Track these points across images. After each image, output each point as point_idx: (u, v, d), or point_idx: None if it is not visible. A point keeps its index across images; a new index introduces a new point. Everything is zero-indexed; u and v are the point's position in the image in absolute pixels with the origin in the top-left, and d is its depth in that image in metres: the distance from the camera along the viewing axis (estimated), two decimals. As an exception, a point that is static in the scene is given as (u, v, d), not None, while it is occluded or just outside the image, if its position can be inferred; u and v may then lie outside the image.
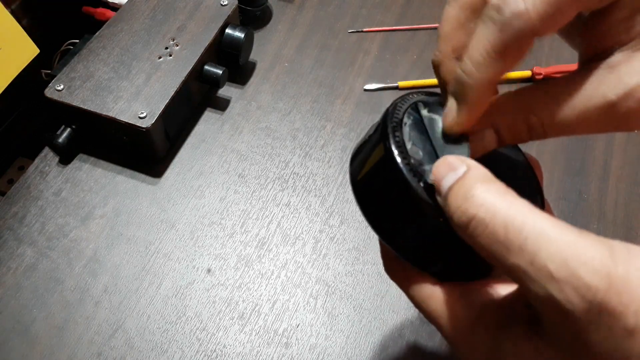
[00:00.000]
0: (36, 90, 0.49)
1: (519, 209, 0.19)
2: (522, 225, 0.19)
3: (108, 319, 0.41)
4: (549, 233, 0.19)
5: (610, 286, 0.18)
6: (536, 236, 0.19)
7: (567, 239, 0.19)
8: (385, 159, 0.24)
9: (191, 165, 0.49)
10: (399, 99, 0.26)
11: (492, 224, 0.19)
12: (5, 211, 0.46)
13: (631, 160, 0.50)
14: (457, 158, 0.22)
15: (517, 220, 0.19)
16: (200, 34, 0.50)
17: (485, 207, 0.20)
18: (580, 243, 0.18)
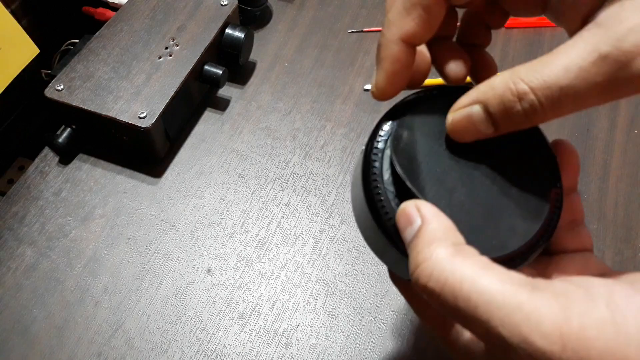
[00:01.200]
0: (36, 90, 0.49)
1: (467, 274, 0.19)
2: (469, 292, 0.19)
3: (108, 319, 0.41)
4: (497, 297, 0.18)
5: (564, 346, 0.17)
6: (485, 302, 0.18)
7: (517, 300, 0.18)
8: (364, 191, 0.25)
9: (191, 165, 0.49)
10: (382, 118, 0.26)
11: (443, 294, 0.19)
12: (5, 211, 0.46)
13: (631, 160, 0.50)
14: (414, 207, 0.22)
15: (464, 289, 0.19)
16: (200, 34, 0.50)
17: (434, 277, 0.20)
18: (532, 303, 0.18)
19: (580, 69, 0.19)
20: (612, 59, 0.19)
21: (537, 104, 0.20)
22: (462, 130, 0.23)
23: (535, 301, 0.18)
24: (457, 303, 0.19)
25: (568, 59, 0.20)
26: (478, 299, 0.18)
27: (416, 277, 0.20)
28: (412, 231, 0.21)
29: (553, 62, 0.20)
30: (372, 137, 0.25)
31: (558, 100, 0.20)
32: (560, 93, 0.20)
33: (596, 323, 0.18)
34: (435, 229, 0.21)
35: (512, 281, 0.19)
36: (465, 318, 0.19)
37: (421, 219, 0.21)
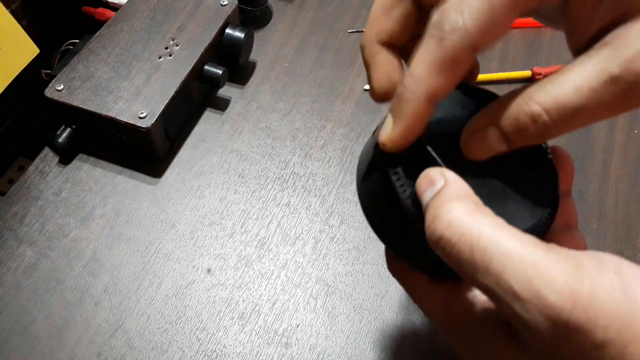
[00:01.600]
0: (36, 90, 0.50)
1: (485, 229, 0.20)
2: (486, 245, 0.19)
3: (108, 319, 0.41)
4: (513, 252, 0.19)
5: (575, 304, 0.18)
6: (500, 256, 0.19)
7: (532, 257, 0.19)
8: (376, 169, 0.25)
9: (191, 165, 0.49)
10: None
11: (458, 244, 0.20)
12: (5, 211, 0.46)
13: (631, 160, 0.50)
14: (439, 171, 0.22)
15: (482, 241, 0.19)
16: (200, 34, 0.50)
17: (452, 228, 0.20)
18: (546, 261, 0.19)
19: (590, 90, 0.20)
20: (623, 81, 0.19)
21: (550, 123, 0.21)
22: (477, 150, 0.23)
23: (549, 260, 0.19)
24: (472, 255, 0.19)
25: (579, 79, 0.20)
26: (494, 252, 0.19)
27: (434, 227, 0.21)
28: (432, 192, 0.22)
29: (564, 83, 0.20)
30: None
31: (571, 118, 0.21)
32: (572, 112, 0.20)
33: (606, 288, 0.18)
34: (457, 190, 0.21)
35: (528, 241, 0.19)
36: (479, 271, 0.19)
37: (444, 181, 0.22)
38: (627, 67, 0.19)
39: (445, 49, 0.21)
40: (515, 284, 0.18)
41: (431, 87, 0.22)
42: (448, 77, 0.22)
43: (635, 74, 0.19)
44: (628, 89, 0.20)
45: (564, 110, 0.20)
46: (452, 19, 0.20)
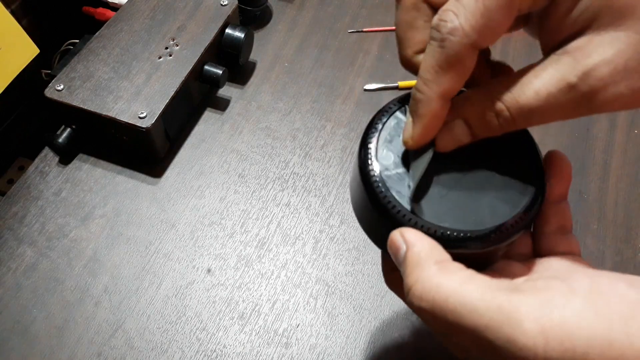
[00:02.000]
0: (36, 90, 0.49)
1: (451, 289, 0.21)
2: (454, 306, 0.20)
3: (108, 319, 0.41)
4: (479, 306, 0.20)
5: (547, 340, 0.18)
6: (469, 312, 0.20)
7: (497, 304, 0.19)
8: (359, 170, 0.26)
9: (191, 165, 0.49)
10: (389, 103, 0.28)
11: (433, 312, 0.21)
12: (5, 211, 0.46)
13: (631, 160, 0.50)
14: (398, 234, 0.24)
15: (450, 303, 0.20)
16: (200, 34, 0.50)
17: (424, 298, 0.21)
18: (512, 304, 0.19)
19: (548, 95, 0.22)
20: (579, 90, 0.21)
21: (510, 119, 0.23)
22: (444, 142, 0.25)
23: (514, 302, 0.19)
24: (446, 317, 0.20)
25: (539, 83, 0.22)
26: (462, 309, 0.20)
27: (410, 300, 0.22)
28: (401, 257, 0.23)
29: (526, 85, 0.22)
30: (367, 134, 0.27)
31: (529, 117, 0.23)
32: (530, 112, 0.22)
33: (576, 312, 0.18)
34: (418, 251, 0.23)
35: (492, 288, 0.20)
36: (456, 330, 0.20)
37: (405, 245, 0.23)
38: (584, 78, 0.21)
39: (447, 50, 0.22)
40: (489, 335, 0.19)
41: (441, 87, 0.23)
42: (454, 76, 0.23)
43: (589, 85, 0.21)
44: (582, 97, 0.21)
45: (522, 110, 0.22)
46: (449, 20, 0.22)
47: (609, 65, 0.21)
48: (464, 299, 0.20)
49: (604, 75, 0.21)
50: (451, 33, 0.22)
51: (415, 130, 0.24)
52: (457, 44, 0.22)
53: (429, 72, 0.23)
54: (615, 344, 0.18)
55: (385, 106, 0.27)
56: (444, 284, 0.21)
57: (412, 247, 0.23)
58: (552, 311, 0.19)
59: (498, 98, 0.23)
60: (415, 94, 0.24)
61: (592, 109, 0.22)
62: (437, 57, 0.22)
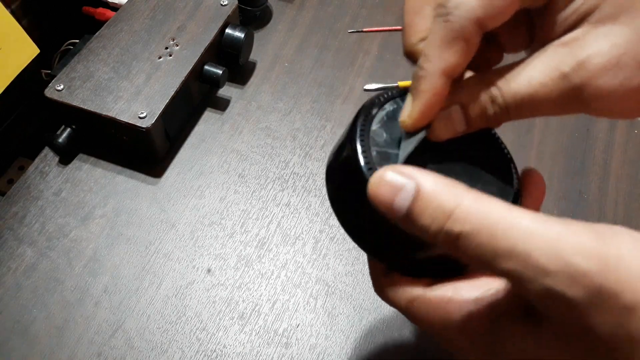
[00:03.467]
0: (36, 90, 0.49)
1: (499, 213, 0.19)
2: (507, 230, 0.19)
3: (108, 319, 0.41)
4: (535, 231, 0.19)
5: (604, 268, 0.18)
6: (524, 237, 0.19)
7: (555, 231, 0.19)
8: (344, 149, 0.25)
9: (191, 165, 0.49)
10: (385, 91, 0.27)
11: (479, 236, 0.19)
12: (5, 211, 0.46)
13: (631, 160, 0.50)
14: (398, 173, 0.21)
15: (501, 226, 0.19)
16: (200, 34, 0.50)
17: (469, 222, 0.20)
18: (568, 232, 0.19)
19: (540, 84, 0.22)
20: (570, 80, 0.21)
21: (504, 107, 0.23)
22: (441, 129, 0.25)
23: (571, 231, 0.19)
24: (496, 243, 0.19)
25: (533, 72, 0.22)
26: (517, 234, 0.19)
27: (449, 227, 0.20)
28: (406, 195, 0.21)
29: (520, 74, 0.22)
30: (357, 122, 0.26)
31: (520, 106, 0.23)
32: (521, 101, 0.22)
33: (630, 251, 0.19)
34: (438, 181, 0.21)
35: (544, 217, 0.19)
36: (501, 256, 0.19)
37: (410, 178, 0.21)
38: (577, 69, 0.21)
39: (451, 25, 0.22)
40: (544, 260, 0.18)
41: (443, 63, 0.23)
42: (457, 52, 0.23)
43: (581, 76, 0.21)
44: (573, 88, 0.21)
45: (515, 98, 0.22)
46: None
47: (602, 57, 0.21)
48: (517, 223, 0.19)
49: (596, 67, 0.21)
50: (457, 7, 0.22)
51: (415, 108, 0.24)
52: (463, 18, 0.22)
53: (433, 47, 0.23)
54: None
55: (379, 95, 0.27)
56: (492, 208, 0.20)
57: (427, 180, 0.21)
58: (609, 245, 0.19)
59: (493, 83, 0.23)
60: (417, 72, 0.24)
61: (583, 103, 0.22)
62: (442, 33, 0.22)
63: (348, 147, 0.25)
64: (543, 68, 0.22)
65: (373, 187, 0.22)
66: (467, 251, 0.20)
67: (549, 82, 0.22)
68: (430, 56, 0.23)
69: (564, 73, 0.21)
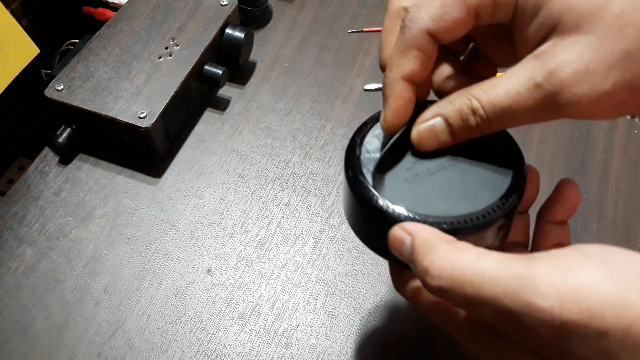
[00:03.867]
0: (36, 90, 0.49)
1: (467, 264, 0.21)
2: (472, 278, 0.21)
3: (108, 319, 0.41)
4: (497, 275, 0.20)
5: (563, 302, 0.19)
6: (488, 283, 0.20)
7: (514, 272, 0.20)
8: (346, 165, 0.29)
9: (191, 165, 0.49)
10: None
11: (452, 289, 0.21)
12: (5, 211, 0.46)
13: (631, 160, 0.50)
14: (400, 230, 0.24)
15: (468, 276, 0.21)
16: (200, 34, 0.50)
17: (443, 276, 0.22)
18: (527, 271, 0.20)
19: (517, 94, 0.23)
20: (544, 89, 0.23)
21: (485, 118, 0.25)
22: (426, 140, 0.27)
23: (529, 269, 0.20)
24: (465, 291, 0.21)
25: (510, 84, 0.24)
26: (481, 281, 0.20)
27: (428, 282, 0.22)
28: (407, 249, 0.24)
29: (498, 86, 0.24)
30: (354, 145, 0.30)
31: (501, 116, 0.24)
32: (501, 111, 0.24)
33: (591, 275, 0.19)
34: (425, 237, 0.23)
35: (507, 259, 0.21)
36: (475, 303, 0.21)
37: (409, 235, 0.24)
38: (548, 78, 0.23)
39: (406, 35, 0.25)
40: (507, 302, 0.20)
41: (401, 70, 0.26)
42: (412, 60, 0.26)
43: (553, 84, 0.22)
44: (547, 96, 0.23)
45: (494, 109, 0.24)
46: (413, 11, 0.25)
47: (570, 65, 0.22)
48: (481, 270, 0.21)
49: (567, 76, 0.22)
50: (411, 20, 0.25)
51: (386, 113, 0.27)
52: (415, 29, 0.25)
53: (393, 57, 0.26)
54: (631, 306, 0.18)
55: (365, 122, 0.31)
56: (459, 260, 0.22)
57: (418, 235, 0.24)
58: (567, 275, 0.19)
59: (474, 96, 0.25)
60: (383, 80, 0.27)
61: (559, 109, 0.23)
62: (399, 43, 0.26)
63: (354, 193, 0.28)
64: (518, 79, 0.23)
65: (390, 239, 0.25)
66: (449, 301, 0.22)
67: (525, 92, 0.23)
68: (391, 65, 0.26)
69: (538, 83, 0.23)
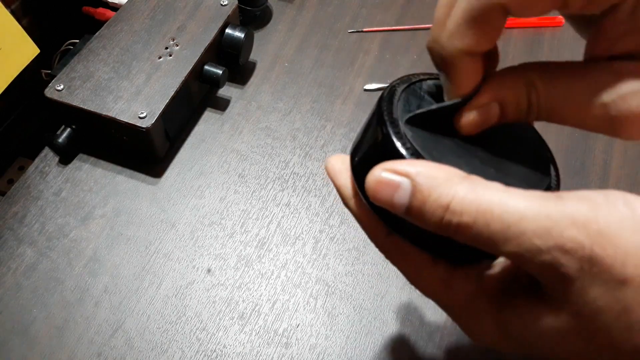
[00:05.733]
0: (36, 90, 0.49)
1: (493, 199, 0.20)
2: (501, 215, 0.20)
3: (108, 319, 0.41)
4: (526, 213, 0.19)
5: (593, 241, 0.19)
6: (516, 220, 0.19)
7: (545, 211, 0.19)
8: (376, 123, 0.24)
9: (191, 165, 0.49)
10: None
11: (476, 225, 0.20)
12: (5, 211, 0.46)
13: (631, 160, 0.50)
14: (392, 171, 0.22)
15: (495, 212, 0.20)
16: (200, 34, 0.50)
17: (466, 211, 0.20)
18: (558, 210, 0.19)
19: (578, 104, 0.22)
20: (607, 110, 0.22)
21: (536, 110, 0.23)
22: (478, 125, 0.24)
23: (561, 207, 0.19)
24: (491, 228, 0.20)
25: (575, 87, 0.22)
26: (510, 218, 0.20)
27: (448, 219, 0.21)
28: (404, 192, 0.21)
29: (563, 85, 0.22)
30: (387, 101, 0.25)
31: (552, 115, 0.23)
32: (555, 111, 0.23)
33: (619, 221, 0.19)
34: (432, 173, 0.21)
35: (536, 197, 0.20)
36: (501, 240, 0.20)
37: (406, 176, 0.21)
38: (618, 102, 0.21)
39: (476, 3, 0.21)
40: (537, 240, 0.19)
41: (464, 43, 0.22)
42: (478, 34, 0.22)
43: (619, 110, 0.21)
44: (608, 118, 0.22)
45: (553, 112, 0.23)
46: None
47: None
48: (511, 207, 0.20)
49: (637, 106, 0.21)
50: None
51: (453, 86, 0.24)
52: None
53: (454, 25, 0.22)
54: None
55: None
56: (485, 195, 0.20)
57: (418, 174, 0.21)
58: (597, 216, 0.19)
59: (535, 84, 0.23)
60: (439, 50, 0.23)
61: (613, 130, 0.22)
62: (465, 11, 0.22)
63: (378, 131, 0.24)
64: (586, 89, 0.22)
65: (371, 188, 0.22)
66: (469, 239, 0.21)
67: (588, 106, 0.22)
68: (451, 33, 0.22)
69: (604, 103, 0.21)
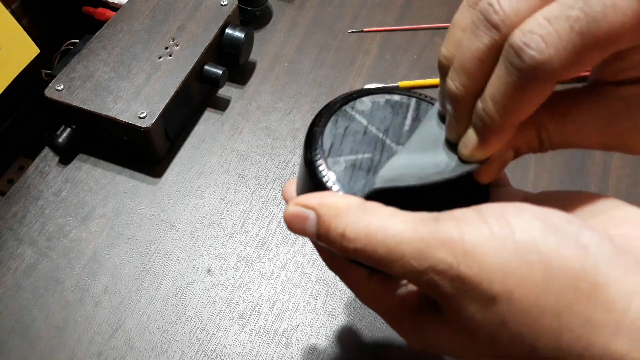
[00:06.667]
0: (36, 90, 0.49)
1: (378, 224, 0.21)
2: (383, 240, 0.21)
3: (108, 319, 0.41)
4: (404, 236, 0.20)
5: (459, 261, 0.19)
6: (396, 244, 0.21)
7: (420, 234, 0.20)
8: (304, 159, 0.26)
9: (191, 165, 0.49)
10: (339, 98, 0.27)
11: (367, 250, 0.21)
12: (5, 211, 0.46)
13: (631, 160, 0.50)
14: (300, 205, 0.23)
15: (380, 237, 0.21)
16: (200, 34, 0.50)
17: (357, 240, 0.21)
18: (431, 232, 0.20)
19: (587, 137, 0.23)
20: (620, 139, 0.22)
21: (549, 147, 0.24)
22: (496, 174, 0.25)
23: (434, 229, 0.20)
24: (378, 252, 0.21)
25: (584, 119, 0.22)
26: (390, 242, 0.21)
27: (345, 246, 0.22)
28: (312, 223, 0.23)
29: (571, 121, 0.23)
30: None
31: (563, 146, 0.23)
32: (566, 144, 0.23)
33: (485, 240, 0.19)
34: (334, 203, 0.23)
35: (415, 220, 0.21)
36: (387, 263, 0.21)
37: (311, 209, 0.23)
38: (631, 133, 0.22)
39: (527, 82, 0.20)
40: (415, 262, 0.20)
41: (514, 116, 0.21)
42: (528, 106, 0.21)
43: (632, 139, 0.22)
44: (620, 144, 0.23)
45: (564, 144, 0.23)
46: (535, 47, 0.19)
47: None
48: (391, 231, 0.21)
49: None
50: (538, 64, 0.19)
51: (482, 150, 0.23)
52: (541, 77, 0.19)
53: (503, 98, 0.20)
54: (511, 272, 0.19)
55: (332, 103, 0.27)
56: (372, 221, 0.21)
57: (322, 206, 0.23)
58: (464, 235, 0.19)
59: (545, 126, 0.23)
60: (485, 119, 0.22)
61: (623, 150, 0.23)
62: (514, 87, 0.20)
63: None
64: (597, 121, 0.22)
65: (288, 221, 0.24)
66: (367, 261, 0.22)
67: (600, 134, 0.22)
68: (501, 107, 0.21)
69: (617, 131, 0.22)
